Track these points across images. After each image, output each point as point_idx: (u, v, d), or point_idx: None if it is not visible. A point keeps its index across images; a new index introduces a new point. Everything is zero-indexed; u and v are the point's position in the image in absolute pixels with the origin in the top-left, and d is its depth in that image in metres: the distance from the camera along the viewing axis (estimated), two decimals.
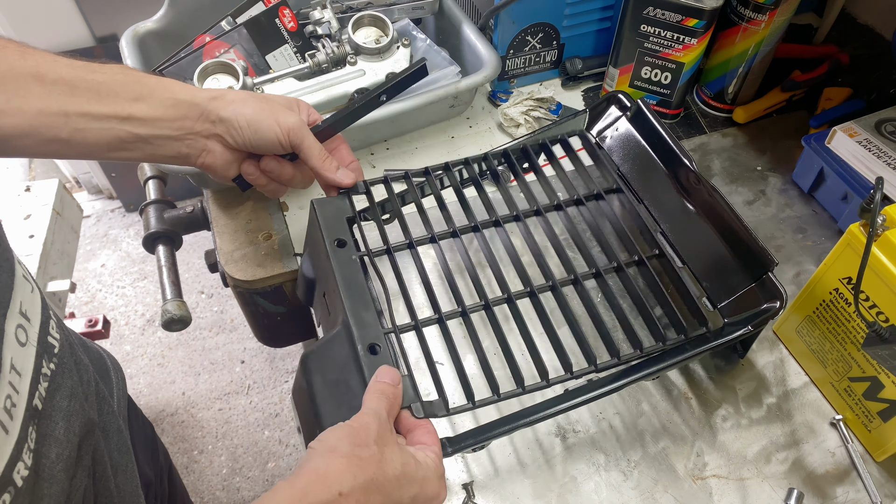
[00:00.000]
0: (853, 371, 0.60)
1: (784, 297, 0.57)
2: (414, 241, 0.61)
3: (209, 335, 1.81)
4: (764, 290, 0.58)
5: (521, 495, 0.58)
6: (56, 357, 0.45)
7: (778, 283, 0.57)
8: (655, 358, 0.56)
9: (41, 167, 2.15)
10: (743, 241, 0.60)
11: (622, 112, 0.71)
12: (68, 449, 0.44)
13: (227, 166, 0.60)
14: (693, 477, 0.59)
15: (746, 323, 0.57)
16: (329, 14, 0.86)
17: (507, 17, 0.87)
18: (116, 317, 1.84)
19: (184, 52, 0.82)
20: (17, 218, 0.90)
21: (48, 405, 0.43)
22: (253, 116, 0.56)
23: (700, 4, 0.78)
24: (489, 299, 0.58)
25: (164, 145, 0.56)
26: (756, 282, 0.59)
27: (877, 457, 0.60)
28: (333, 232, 0.58)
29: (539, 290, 0.59)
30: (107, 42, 1.59)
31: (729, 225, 0.61)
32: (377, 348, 0.51)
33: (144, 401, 1.68)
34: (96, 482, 0.49)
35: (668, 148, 0.67)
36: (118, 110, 0.52)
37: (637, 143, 0.69)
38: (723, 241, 0.61)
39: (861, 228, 0.54)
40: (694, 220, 0.64)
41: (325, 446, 0.43)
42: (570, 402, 0.53)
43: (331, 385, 0.51)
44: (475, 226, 0.63)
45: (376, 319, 0.53)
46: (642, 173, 0.68)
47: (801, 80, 0.90)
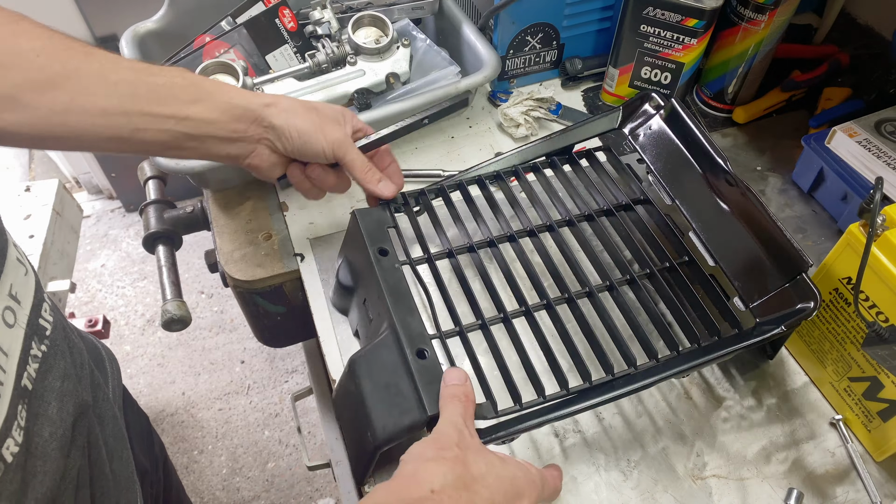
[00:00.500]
0: (853, 371, 0.60)
1: (818, 298, 0.57)
2: (454, 249, 0.63)
3: (209, 335, 1.81)
4: (798, 290, 0.58)
5: None
6: (48, 339, 0.47)
7: (812, 284, 0.57)
8: (689, 356, 0.57)
9: (41, 167, 2.15)
10: (777, 241, 0.60)
11: (656, 111, 0.71)
12: (62, 428, 0.46)
13: (273, 168, 0.63)
14: (693, 477, 0.59)
15: (779, 323, 0.57)
16: (329, 14, 0.86)
17: (506, 18, 0.87)
18: (116, 317, 1.84)
19: (184, 52, 0.82)
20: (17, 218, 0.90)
21: (39, 385, 0.44)
22: (303, 128, 0.59)
23: (700, 4, 0.78)
24: (529, 305, 0.59)
25: (215, 146, 0.58)
26: (790, 282, 0.59)
27: (876, 457, 0.60)
28: (376, 241, 0.60)
29: (577, 296, 0.60)
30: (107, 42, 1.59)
31: (763, 225, 0.61)
32: (425, 353, 0.53)
33: (144, 401, 1.68)
34: (91, 465, 0.50)
35: (702, 147, 0.67)
36: (176, 111, 0.54)
37: (671, 142, 0.69)
38: (757, 241, 0.61)
39: (861, 228, 0.55)
40: (727, 220, 0.64)
41: (413, 454, 0.45)
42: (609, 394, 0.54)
43: (381, 389, 0.52)
44: (511, 235, 0.65)
45: (422, 325, 0.55)
46: (675, 172, 0.69)
47: (800, 80, 0.90)
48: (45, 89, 0.49)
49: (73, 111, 0.50)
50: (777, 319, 0.58)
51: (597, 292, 0.61)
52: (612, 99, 0.93)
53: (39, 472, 0.43)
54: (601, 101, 0.94)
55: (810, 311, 0.57)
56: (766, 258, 0.61)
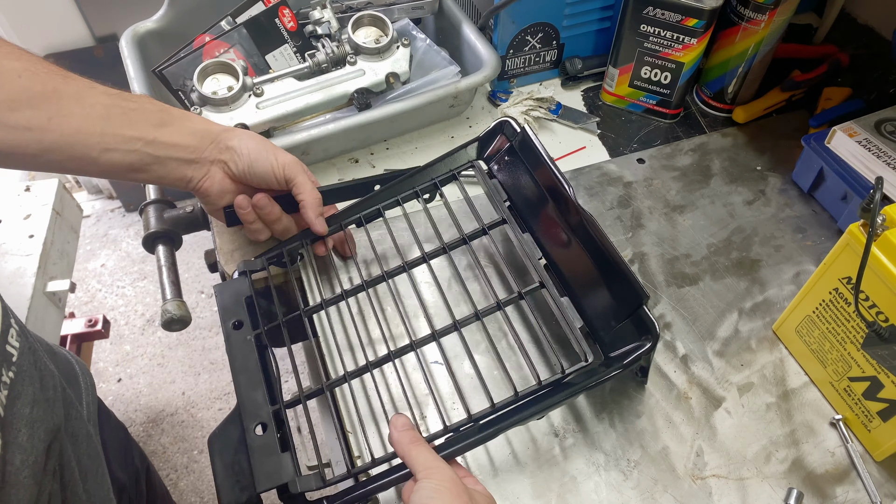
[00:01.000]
0: (853, 371, 0.60)
1: (656, 334, 0.55)
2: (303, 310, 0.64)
3: (209, 335, 1.81)
4: (639, 324, 0.57)
5: (521, 495, 0.58)
6: (14, 366, 0.46)
7: (651, 318, 0.55)
8: (531, 401, 0.56)
9: None
10: (618, 273, 0.58)
11: (510, 140, 0.70)
12: (33, 455, 0.45)
13: (222, 194, 0.65)
14: (693, 477, 0.59)
15: (622, 360, 0.56)
16: (329, 14, 0.86)
17: (506, 17, 0.87)
18: (116, 317, 1.84)
19: (183, 52, 0.82)
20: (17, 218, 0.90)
21: (9, 413, 0.44)
22: (254, 148, 0.63)
23: (700, 4, 0.78)
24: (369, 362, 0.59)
25: (176, 168, 0.61)
26: (630, 316, 0.57)
27: (876, 457, 0.60)
28: (230, 315, 0.63)
29: (418, 345, 0.60)
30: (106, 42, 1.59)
31: (605, 256, 0.59)
32: (266, 426, 0.55)
33: (144, 400, 1.68)
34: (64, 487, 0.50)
35: (549, 175, 0.65)
36: (145, 134, 0.58)
37: (524, 171, 0.68)
38: (600, 272, 0.60)
39: (861, 228, 0.54)
40: (575, 251, 0.62)
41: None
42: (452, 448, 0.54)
43: (228, 467, 0.54)
44: (360, 286, 0.65)
45: (265, 397, 0.57)
46: (529, 202, 0.67)
47: (800, 79, 0.90)
48: (23, 108, 0.51)
49: (49, 129, 0.53)
50: (623, 354, 0.57)
51: (438, 336, 0.60)
52: (612, 99, 0.93)
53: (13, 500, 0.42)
54: (601, 101, 0.94)
55: (648, 349, 0.55)
56: (609, 291, 0.59)
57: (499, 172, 0.71)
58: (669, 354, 0.67)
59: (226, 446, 0.55)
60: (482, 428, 0.54)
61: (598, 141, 0.89)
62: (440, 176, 0.71)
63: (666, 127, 0.91)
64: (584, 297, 0.61)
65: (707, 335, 0.69)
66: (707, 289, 0.73)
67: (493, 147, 0.72)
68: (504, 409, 0.56)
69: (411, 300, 0.69)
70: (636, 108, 0.92)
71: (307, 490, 0.53)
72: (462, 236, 0.66)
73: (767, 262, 0.75)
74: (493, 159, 0.71)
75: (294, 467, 0.54)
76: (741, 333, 0.69)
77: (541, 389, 0.56)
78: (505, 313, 0.61)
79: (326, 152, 0.84)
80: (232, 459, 0.54)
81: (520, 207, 0.68)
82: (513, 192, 0.69)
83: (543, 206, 0.66)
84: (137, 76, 0.81)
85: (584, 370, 0.57)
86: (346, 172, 0.84)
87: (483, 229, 0.67)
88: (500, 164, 0.71)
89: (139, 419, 1.65)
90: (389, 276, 0.65)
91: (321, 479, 0.54)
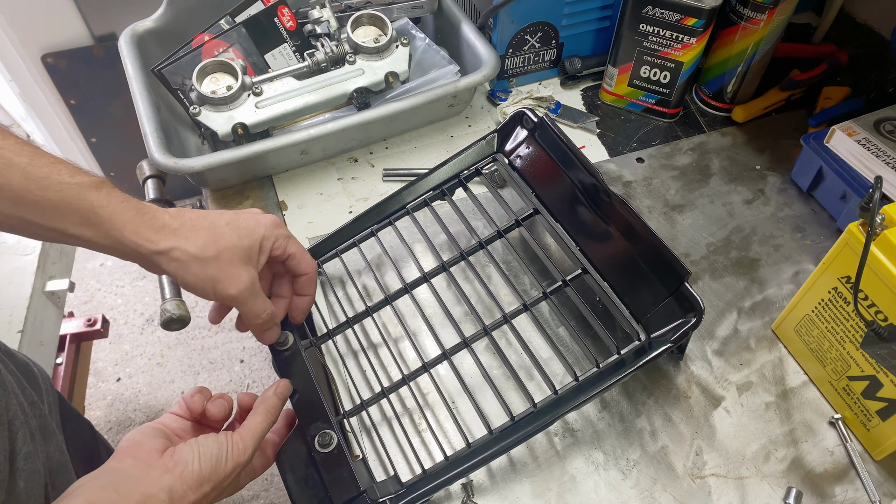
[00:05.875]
0: (852, 370, 0.60)
1: (700, 308, 0.56)
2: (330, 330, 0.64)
3: (208, 334, 1.81)
4: (681, 301, 0.57)
5: (521, 494, 0.58)
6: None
7: (694, 294, 0.56)
8: (590, 383, 0.57)
9: None
10: (657, 252, 0.59)
11: (529, 130, 0.70)
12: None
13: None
14: (692, 476, 0.59)
15: (668, 337, 0.57)
16: (328, 13, 0.85)
17: (506, 17, 0.87)
18: (115, 316, 1.84)
19: (182, 52, 0.82)
20: None
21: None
22: (195, 284, 0.53)
23: (699, 4, 0.78)
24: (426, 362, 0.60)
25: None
26: (672, 294, 0.58)
27: (875, 456, 0.60)
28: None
29: (471, 340, 0.61)
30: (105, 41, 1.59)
31: (642, 237, 0.60)
32: (329, 439, 0.55)
33: (144, 400, 1.68)
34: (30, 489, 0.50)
35: (575, 164, 0.65)
36: (65, 228, 0.49)
37: (546, 161, 0.68)
38: (638, 254, 0.60)
39: (860, 227, 0.54)
40: (609, 236, 0.62)
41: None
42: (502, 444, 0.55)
43: (301, 482, 0.54)
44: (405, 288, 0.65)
45: (323, 410, 0.56)
46: (556, 191, 0.67)
47: (799, 79, 0.90)
48: None
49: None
50: (666, 334, 0.57)
51: (490, 330, 0.61)
52: (611, 98, 0.93)
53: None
54: (600, 101, 0.94)
55: (695, 324, 0.56)
56: (649, 271, 0.59)
57: (520, 166, 0.70)
58: (669, 353, 0.67)
59: (296, 462, 0.55)
60: (541, 413, 0.56)
61: (598, 140, 0.89)
62: (463, 172, 0.70)
63: (665, 126, 0.91)
64: (623, 281, 0.61)
65: (706, 334, 0.69)
66: (706, 288, 0.73)
67: (512, 140, 0.71)
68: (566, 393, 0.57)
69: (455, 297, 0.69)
70: (635, 108, 0.92)
71: (387, 495, 0.53)
72: (497, 230, 0.66)
73: (766, 262, 0.75)
74: (514, 153, 0.71)
75: (369, 474, 0.54)
76: (740, 332, 0.69)
77: (601, 371, 0.57)
78: (553, 301, 0.62)
79: (325, 151, 0.84)
80: (304, 474, 0.54)
81: (545, 198, 0.67)
82: (536, 183, 0.68)
83: (571, 194, 0.65)
84: (136, 75, 0.81)
85: (636, 349, 0.58)
86: (345, 171, 0.84)
87: (517, 221, 0.67)
88: (521, 158, 0.70)
89: (138, 419, 1.65)
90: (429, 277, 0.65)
91: (398, 483, 0.54)
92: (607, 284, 0.61)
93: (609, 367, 0.57)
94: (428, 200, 0.69)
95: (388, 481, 0.53)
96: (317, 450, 0.54)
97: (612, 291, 0.61)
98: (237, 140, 0.79)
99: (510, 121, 0.71)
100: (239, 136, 0.78)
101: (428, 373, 0.60)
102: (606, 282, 0.61)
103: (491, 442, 0.55)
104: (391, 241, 0.71)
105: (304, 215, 0.79)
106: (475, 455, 0.54)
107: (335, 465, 0.53)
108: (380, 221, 0.69)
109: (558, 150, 0.67)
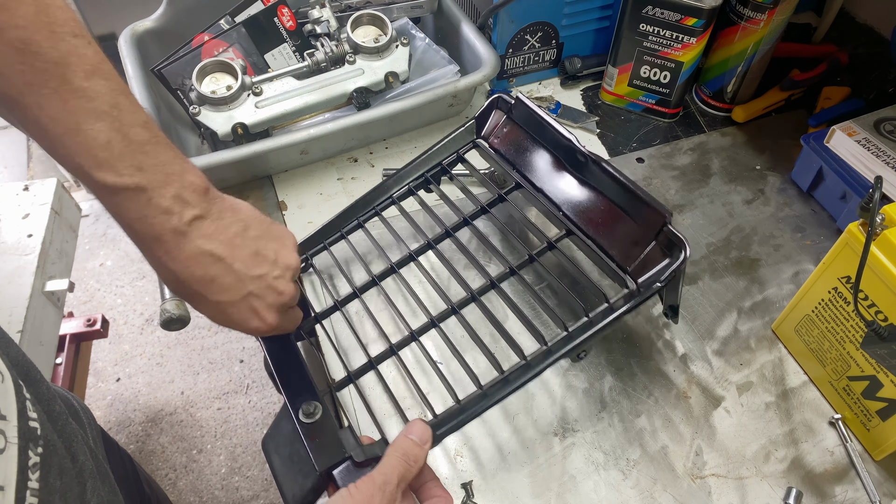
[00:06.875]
0: (852, 370, 0.60)
1: (685, 244, 0.56)
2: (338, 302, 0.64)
3: (208, 334, 1.81)
4: (665, 244, 0.58)
5: (520, 494, 0.58)
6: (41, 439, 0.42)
7: (677, 233, 0.57)
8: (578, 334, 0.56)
9: (39, 166, 2.14)
10: (636, 201, 0.60)
11: (505, 112, 0.71)
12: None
13: None
14: (692, 476, 0.59)
15: (657, 278, 0.57)
16: (328, 13, 0.85)
17: (505, 16, 0.87)
18: (115, 316, 1.84)
19: (182, 51, 0.82)
20: (16, 217, 0.90)
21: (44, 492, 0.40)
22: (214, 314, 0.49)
23: (699, 4, 0.78)
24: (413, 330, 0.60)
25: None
26: (656, 238, 0.58)
27: (875, 456, 0.60)
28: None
29: (460, 306, 0.61)
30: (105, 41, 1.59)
31: (620, 188, 0.61)
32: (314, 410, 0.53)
33: (143, 400, 1.68)
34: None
35: (551, 132, 0.67)
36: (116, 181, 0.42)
37: (524, 136, 0.70)
38: (619, 206, 0.61)
39: (860, 227, 0.54)
40: (590, 195, 0.64)
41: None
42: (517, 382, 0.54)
43: (286, 461, 0.52)
44: (392, 267, 0.65)
45: (311, 384, 0.55)
46: (535, 164, 0.69)
47: (799, 79, 0.90)
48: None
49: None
50: (654, 276, 0.57)
51: (478, 295, 0.61)
52: (611, 98, 0.93)
53: None
54: (600, 100, 0.94)
55: (682, 261, 0.56)
56: (630, 220, 0.60)
57: (500, 147, 0.72)
58: (668, 353, 0.67)
59: (281, 442, 0.53)
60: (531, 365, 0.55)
61: (598, 140, 0.89)
62: (446, 159, 0.72)
63: (665, 126, 0.91)
64: (608, 236, 0.62)
65: (706, 334, 0.69)
66: (706, 288, 0.73)
67: (490, 124, 0.73)
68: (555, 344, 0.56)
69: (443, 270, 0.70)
70: (635, 108, 0.92)
71: (374, 456, 0.50)
72: (482, 205, 0.68)
73: (766, 262, 0.75)
74: (492, 135, 0.72)
75: (355, 439, 0.52)
76: (740, 333, 0.69)
77: (591, 320, 0.57)
78: (540, 264, 0.62)
79: (325, 151, 0.84)
80: (290, 451, 0.52)
81: (527, 172, 0.69)
82: (517, 160, 0.70)
83: (550, 163, 0.67)
84: (136, 75, 0.81)
85: (625, 296, 0.58)
86: (344, 171, 0.84)
87: (500, 196, 0.68)
88: (499, 139, 0.72)
89: (138, 419, 1.65)
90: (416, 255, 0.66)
91: (386, 444, 0.52)
92: (592, 242, 0.62)
93: (598, 316, 0.57)
94: (413, 189, 0.71)
95: (376, 445, 0.52)
96: (301, 421, 0.53)
97: (598, 248, 0.62)
98: (237, 140, 0.79)
99: (487, 106, 0.72)
100: (239, 136, 0.78)
101: (417, 341, 0.59)
102: (591, 240, 0.62)
103: (479, 397, 0.54)
104: (379, 232, 0.71)
105: (304, 215, 0.79)
106: (464, 410, 0.53)
107: (320, 432, 0.52)
108: (366, 213, 0.70)
109: (534, 123, 0.68)
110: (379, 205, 0.70)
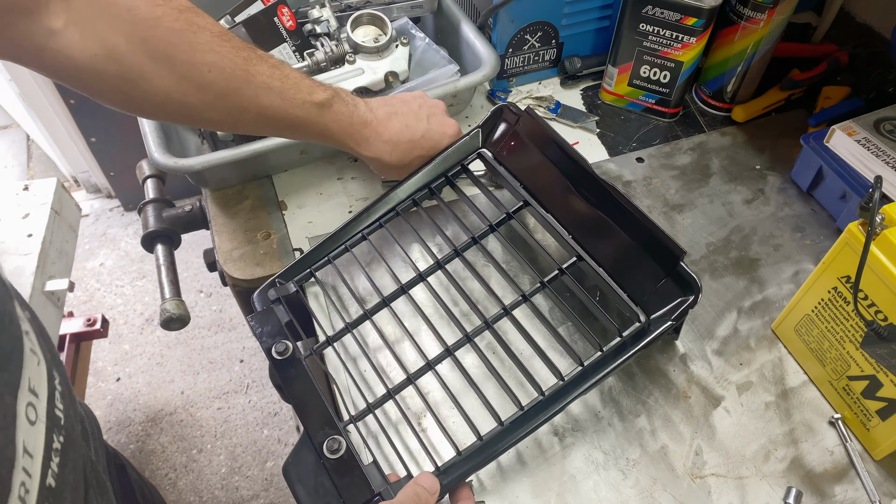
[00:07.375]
0: (852, 370, 0.60)
1: (698, 286, 0.57)
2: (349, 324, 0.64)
3: (208, 334, 1.81)
4: (678, 281, 0.58)
5: (520, 494, 0.58)
6: (64, 430, 0.45)
7: (691, 273, 0.57)
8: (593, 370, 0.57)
9: (39, 166, 2.15)
10: (651, 234, 0.60)
11: (511, 123, 0.70)
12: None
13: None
14: (692, 475, 0.59)
15: (668, 316, 0.57)
16: (328, 13, 0.85)
17: (505, 16, 0.87)
18: (115, 316, 1.84)
19: None
20: (16, 217, 0.90)
21: (60, 481, 0.42)
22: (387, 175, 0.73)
23: (699, 3, 0.78)
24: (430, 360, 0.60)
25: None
26: (669, 275, 0.59)
27: (875, 455, 0.60)
28: (274, 341, 0.61)
29: (473, 335, 0.61)
30: None
31: (635, 221, 0.61)
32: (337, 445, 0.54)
33: (143, 400, 1.68)
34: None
35: (562, 152, 0.66)
36: (306, 138, 0.66)
37: (532, 152, 0.68)
38: (632, 238, 0.61)
39: (860, 227, 0.54)
40: (601, 222, 0.63)
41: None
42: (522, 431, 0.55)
43: (311, 492, 0.53)
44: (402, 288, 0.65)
45: (328, 415, 0.56)
46: (544, 182, 0.67)
47: (799, 78, 0.90)
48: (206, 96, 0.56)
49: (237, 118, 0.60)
50: (666, 313, 0.58)
51: (491, 323, 0.61)
52: (611, 98, 0.93)
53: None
54: (600, 100, 0.94)
55: (692, 302, 0.57)
56: (643, 254, 0.60)
57: (505, 159, 0.70)
58: (668, 353, 0.67)
59: (303, 472, 0.54)
60: (549, 401, 0.56)
61: (598, 140, 0.89)
62: (450, 170, 0.70)
63: (665, 126, 0.91)
64: (619, 266, 0.62)
65: (706, 334, 0.69)
66: (706, 288, 0.73)
67: (496, 134, 0.71)
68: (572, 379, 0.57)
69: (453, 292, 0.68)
70: (635, 107, 0.92)
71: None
72: (490, 224, 0.67)
73: (766, 261, 0.75)
74: (498, 146, 0.71)
75: (382, 476, 0.53)
76: (740, 332, 0.69)
77: (605, 355, 0.57)
78: (551, 290, 0.62)
79: (325, 151, 0.84)
80: (314, 483, 0.53)
81: (534, 189, 0.67)
82: (523, 175, 0.68)
83: (559, 183, 0.66)
84: None
85: (637, 331, 0.58)
86: (345, 171, 0.84)
87: (508, 214, 0.67)
88: (505, 151, 0.70)
89: (138, 418, 1.65)
90: (425, 276, 0.65)
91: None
92: (603, 270, 0.62)
93: (612, 351, 0.57)
94: (417, 200, 0.69)
95: (402, 482, 0.53)
96: (326, 456, 0.53)
97: (609, 277, 0.61)
98: (237, 139, 0.79)
99: (492, 115, 0.71)
100: (238, 135, 0.78)
101: (433, 370, 0.59)
102: (602, 268, 0.62)
103: (502, 433, 0.55)
104: (383, 244, 0.71)
105: (304, 215, 0.79)
106: (487, 448, 0.54)
107: (346, 470, 0.52)
108: (370, 225, 0.69)
109: (543, 140, 0.67)
110: (383, 216, 0.69)
